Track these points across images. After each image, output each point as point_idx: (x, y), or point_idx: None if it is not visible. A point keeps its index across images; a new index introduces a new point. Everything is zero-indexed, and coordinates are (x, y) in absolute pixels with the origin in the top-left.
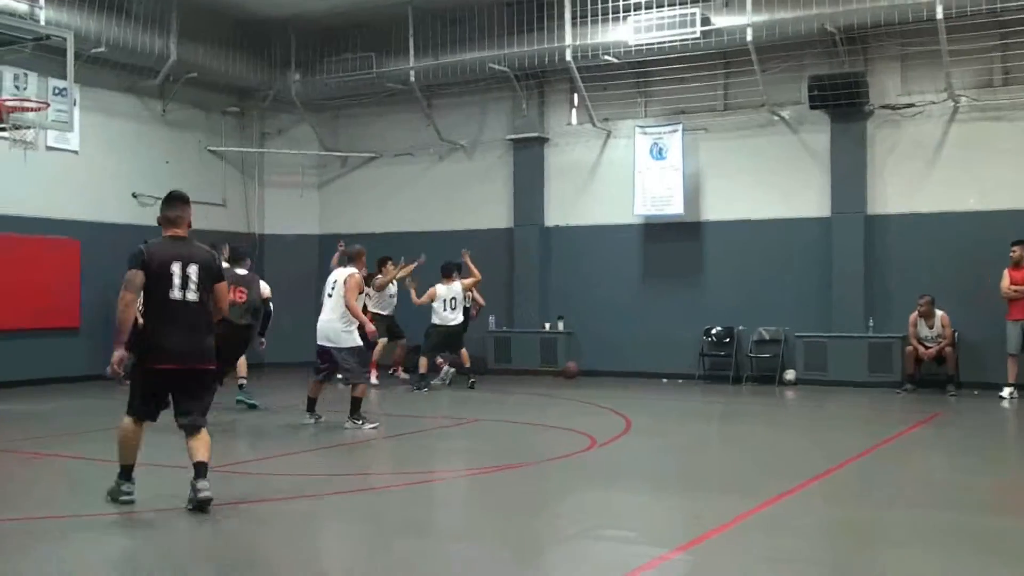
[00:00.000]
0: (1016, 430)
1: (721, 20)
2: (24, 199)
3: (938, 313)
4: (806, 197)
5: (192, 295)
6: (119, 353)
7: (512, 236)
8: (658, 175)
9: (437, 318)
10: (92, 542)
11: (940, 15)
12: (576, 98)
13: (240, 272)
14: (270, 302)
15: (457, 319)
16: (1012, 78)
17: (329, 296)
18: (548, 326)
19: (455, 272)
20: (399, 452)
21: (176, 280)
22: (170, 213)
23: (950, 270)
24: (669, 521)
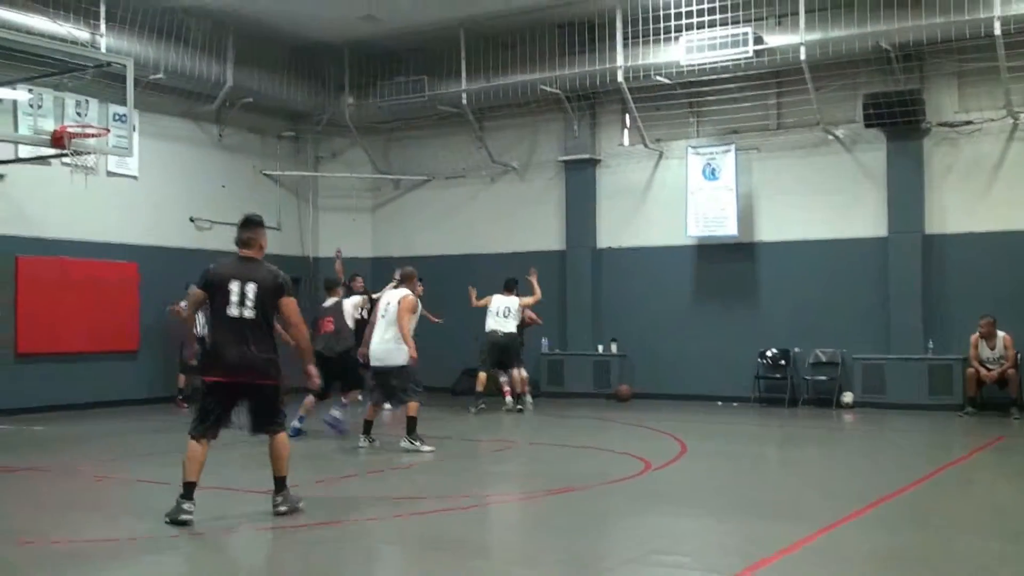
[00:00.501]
0: None
1: (774, 39)
2: (85, 224)
3: (1000, 334)
4: (862, 216)
5: (249, 312)
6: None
7: (564, 258)
8: (711, 195)
9: (488, 324)
10: (152, 564)
11: (998, 31)
12: (628, 119)
13: (326, 304)
14: (363, 309)
15: (505, 328)
16: None
17: (383, 317)
18: (601, 348)
19: (515, 287)
20: (455, 475)
21: (234, 297)
22: (242, 235)
23: (1012, 290)
24: (724, 547)
